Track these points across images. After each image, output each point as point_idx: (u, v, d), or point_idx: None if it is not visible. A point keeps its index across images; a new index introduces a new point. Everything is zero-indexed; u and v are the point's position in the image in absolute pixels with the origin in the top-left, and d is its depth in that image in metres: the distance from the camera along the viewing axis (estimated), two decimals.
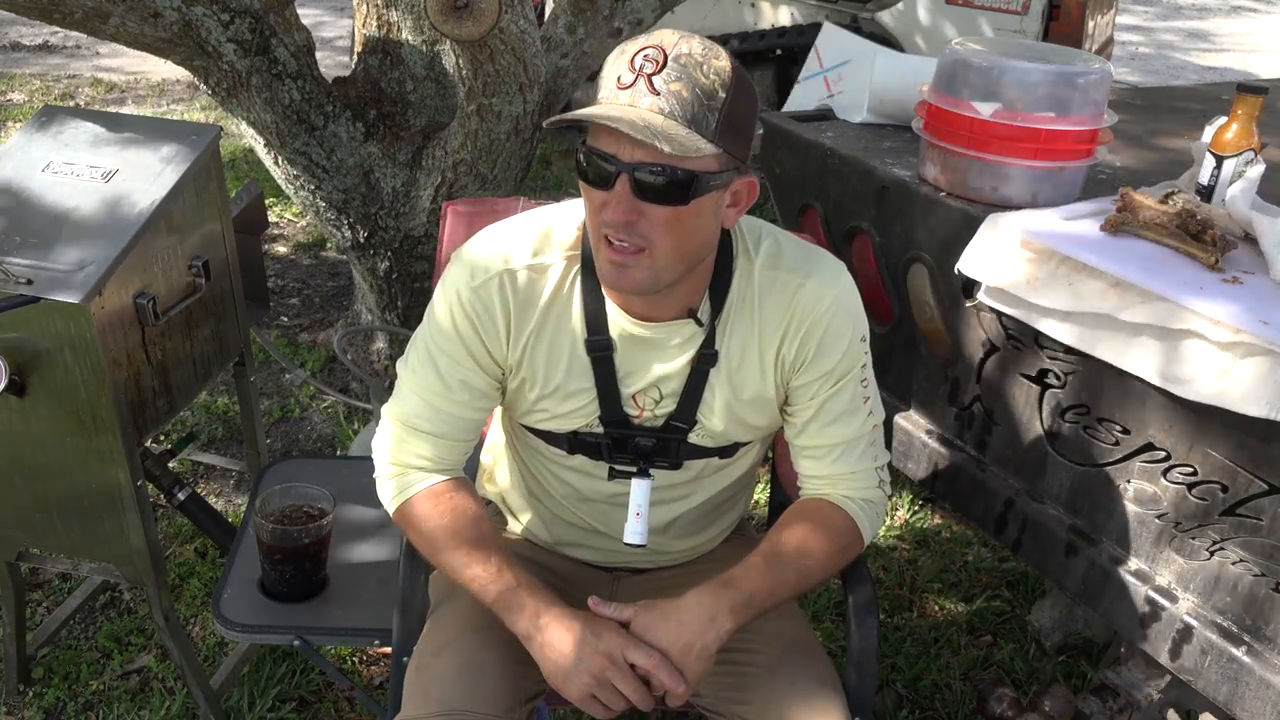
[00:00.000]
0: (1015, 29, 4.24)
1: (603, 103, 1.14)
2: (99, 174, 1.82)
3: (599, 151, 1.15)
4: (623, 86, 1.13)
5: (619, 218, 1.15)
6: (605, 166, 1.14)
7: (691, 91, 1.12)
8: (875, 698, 1.63)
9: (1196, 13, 10.93)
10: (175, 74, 6.23)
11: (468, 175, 2.74)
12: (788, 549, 1.33)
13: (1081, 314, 1.60)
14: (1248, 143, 1.74)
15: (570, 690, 1.22)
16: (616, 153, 1.13)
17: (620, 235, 1.17)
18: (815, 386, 1.35)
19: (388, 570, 1.76)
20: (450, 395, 1.34)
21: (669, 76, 1.12)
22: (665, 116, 1.11)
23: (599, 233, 1.19)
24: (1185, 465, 1.56)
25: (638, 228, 1.16)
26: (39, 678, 2.11)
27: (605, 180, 1.15)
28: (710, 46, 1.15)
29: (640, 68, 1.12)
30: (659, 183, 1.14)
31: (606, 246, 1.19)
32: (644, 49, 1.13)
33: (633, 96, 1.12)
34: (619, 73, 1.14)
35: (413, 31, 2.74)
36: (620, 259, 1.18)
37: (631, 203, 1.15)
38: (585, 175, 1.18)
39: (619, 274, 1.20)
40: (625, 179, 1.14)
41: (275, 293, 3.74)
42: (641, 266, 1.19)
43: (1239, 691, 1.51)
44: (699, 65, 1.13)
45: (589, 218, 1.22)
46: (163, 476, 2.01)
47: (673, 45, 1.13)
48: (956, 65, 1.83)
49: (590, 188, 1.18)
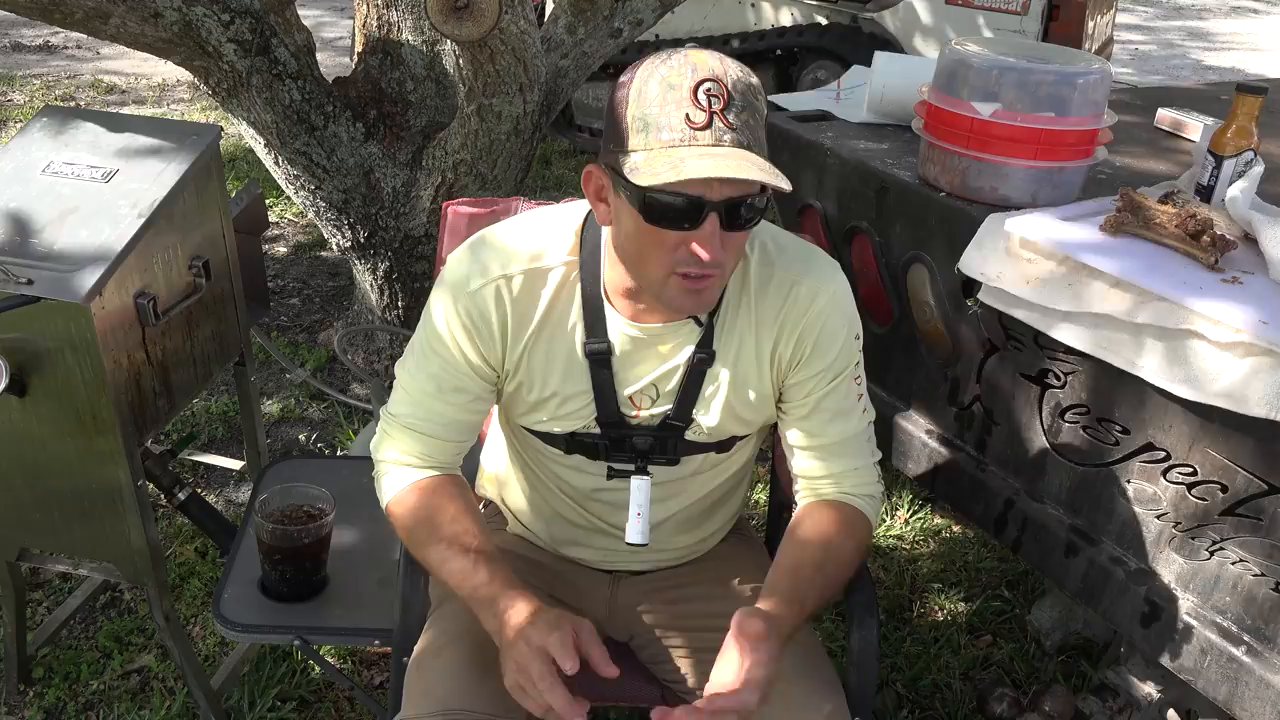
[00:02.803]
0: (1015, 29, 4.24)
1: (675, 144, 1.11)
2: (99, 174, 1.82)
3: (681, 194, 1.12)
4: (697, 126, 1.11)
5: (715, 256, 1.15)
6: (692, 206, 1.13)
7: (754, 118, 1.14)
8: (875, 698, 1.63)
9: (1196, 13, 10.93)
10: (176, 74, 6.23)
11: (468, 175, 2.74)
12: (816, 557, 1.33)
13: (1081, 314, 1.60)
14: (1248, 143, 1.74)
15: (508, 684, 1.18)
16: (703, 192, 1.12)
17: (706, 270, 1.17)
18: (811, 384, 1.35)
19: (388, 570, 1.76)
20: (444, 398, 1.34)
21: (738, 108, 1.12)
22: (747, 149, 1.12)
23: (670, 269, 1.18)
24: (1185, 465, 1.56)
25: (718, 255, 1.16)
26: (39, 678, 2.11)
27: (690, 220, 1.14)
28: (738, 63, 1.16)
29: (709, 104, 1.11)
30: (746, 213, 1.15)
31: (682, 279, 1.18)
32: (702, 82, 1.11)
33: (715, 136, 1.11)
34: (685, 110, 1.11)
35: (413, 31, 2.74)
36: (699, 287, 1.19)
37: (720, 235, 1.15)
38: (659, 218, 1.15)
39: (697, 299, 1.22)
40: (714, 217, 1.14)
41: (275, 293, 3.74)
42: (715, 286, 1.22)
43: (1239, 691, 1.51)
44: (748, 89, 1.14)
45: (654, 255, 1.18)
46: (163, 476, 2.01)
47: (724, 73, 1.12)
48: (956, 65, 1.83)
49: (663, 229, 1.15)
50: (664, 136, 1.11)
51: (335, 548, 1.76)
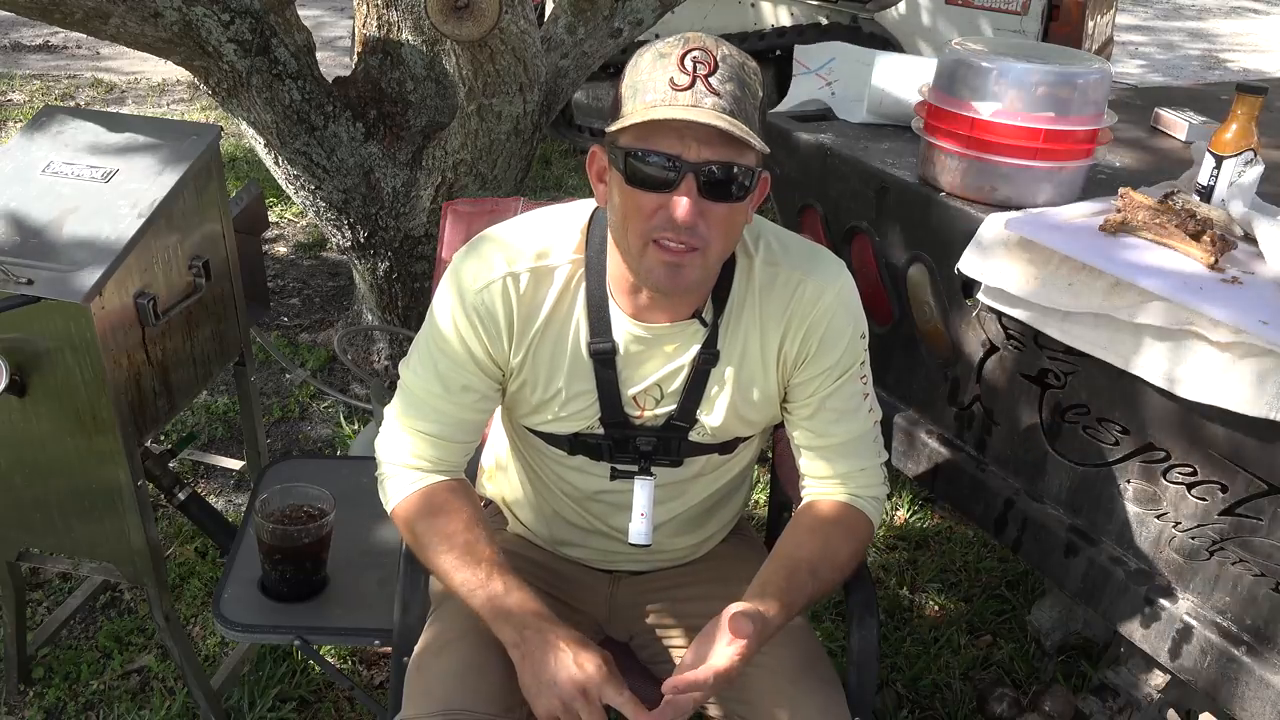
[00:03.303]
0: (1015, 29, 4.23)
1: (657, 105, 1.12)
2: (99, 174, 1.82)
3: (658, 152, 1.13)
4: (680, 88, 1.11)
5: (688, 218, 1.14)
6: (667, 167, 1.13)
7: (742, 90, 1.13)
8: (875, 698, 1.63)
9: (1196, 13, 10.93)
10: (175, 74, 6.23)
11: (468, 175, 2.74)
12: (812, 560, 1.33)
13: (1081, 314, 1.60)
14: (1247, 143, 1.74)
15: (538, 706, 1.22)
16: (680, 152, 1.12)
17: (681, 237, 1.15)
18: (816, 383, 1.35)
19: (388, 570, 1.76)
20: (451, 397, 1.34)
21: (723, 76, 1.12)
22: (729, 116, 1.11)
23: (647, 236, 1.17)
24: (1185, 465, 1.56)
25: (698, 228, 1.15)
26: (39, 678, 2.11)
27: (667, 182, 1.14)
28: (736, 47, 1.17)
29: (694, 69, 1.12)
30: (725, 181, 1.14)
31: (659, 248, 1.17)
32: (690, 50, 1.13)
33: (695, 96, 1.11)
34: (670, 74, 1.12)
35: (413, 31, 2.74)
36: (676, 259, 1.17)
37: (698, 202, 1.14)
38: (639, 179, 1.15)
39: (673, 275, 1.19)
40: (691, 179, 1.13)
41: (275, 293, 3.74)
42: (695, 265, 1.19)
43: (1239, 691, 1.51)
44: (741, 65, 1.15)
45: (633, 221, 1.18)
46: (163, 476, 2.01)
47: (714, 47, 1.14)
48: (956, 65, 1.83)
49: (642, 191, 1.15)
50: (648, 98, 1.13)
51: (335, 548, 1.76)
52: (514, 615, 1.25)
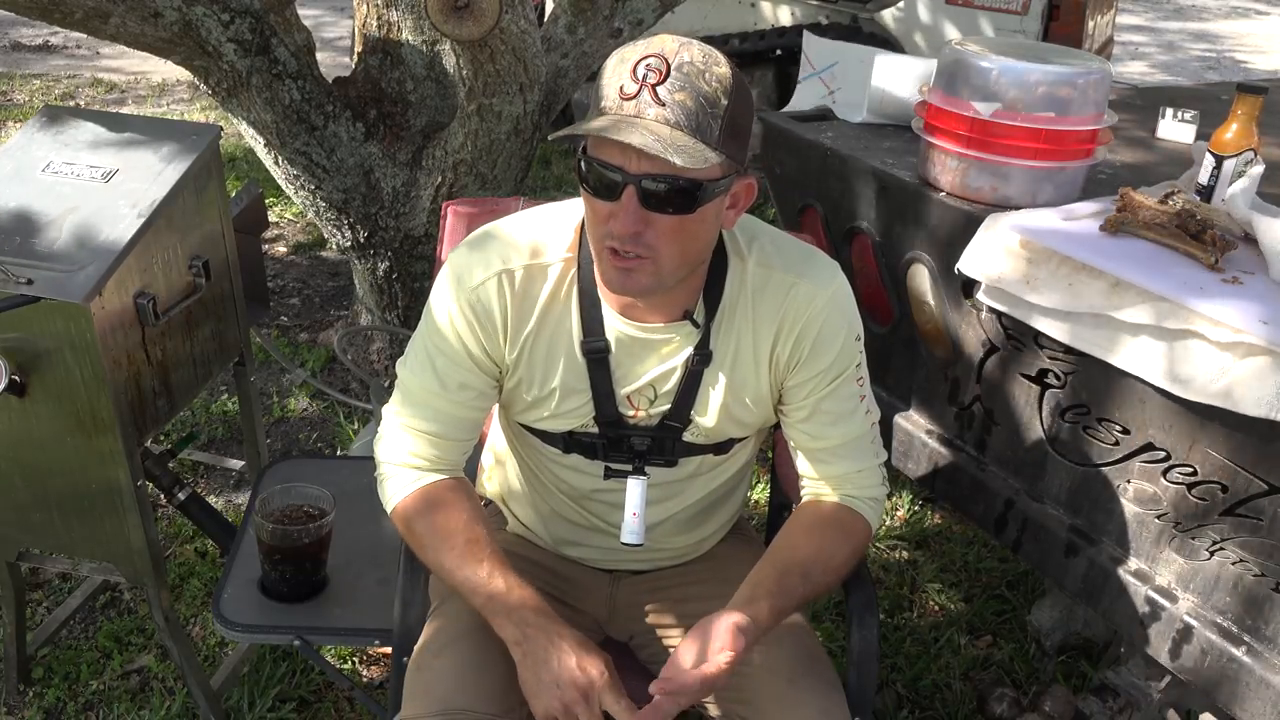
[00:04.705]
0: (1015, 29, 4.23)
1: (606, 112, 1.13)
2: (99, 174, 1.82)
3: (603, 162, 1.14)
4: (626, 97, 1.11)
5: (626, 229, 1.14)
6: (611, 177, 1.13)
7: (695, 100, 1.11)
8: (875, 698, 1.63)
9: (1196, 13, 10.93)
10: (176, 74, 6.23)
11: (468, 175, 2.74)
12: (805, 563, 1.33)
13: (1081, 314, 1.60)
14: (1248, 143, 1.74)
15: (537, 705, 1.22)
16: (623, 164, 1.12)
17: (626, 245, 1.16)
18: (810, 386, 1.35)
19: (388, 570, 1.76)
20: (448, 395, 1.34)
21: (673, 86, 1.10)
22: (672, 127, 1.10)
23: (602, 242, 1.18)
24: (1185, 465, 1.56)
25: (644, 237, 1.15)
26: (39, 678, 2.11)
27: (611, 191, 1.14)
28: (710, 52, 1.14)
29: (644, 77, 1.11)
30: (667, 193, 1.13)
31: (611, 254, 1.18)
32: (645, 57, 1.12)
33: (638, 107, 1.11)
34: (621, 82, 1.12)
35: (413, 31, 2.74)
36: (625, 265, 1.18)
37: (638, 213, 1.14)
38: (589, 185, 1.16)
39: (624, 279, 1.20)
40: (632, 190, 1.13)
41: (275, 293, 3.74)
42: (646, 272, 1.19)
43: (1239, 691, 1.51)
44: (701, 73, 1.12)
45: (591, 225, 1.21)
46: (163, 476, 2.01)
47: (674, 53, 1.12)
48: (956, 65, 1.83)
49: (594, 198, 1.17)
50: (602, 105, 1.14)
51: (335, 548, 1.76)
52: (517, 613, 1.26)
